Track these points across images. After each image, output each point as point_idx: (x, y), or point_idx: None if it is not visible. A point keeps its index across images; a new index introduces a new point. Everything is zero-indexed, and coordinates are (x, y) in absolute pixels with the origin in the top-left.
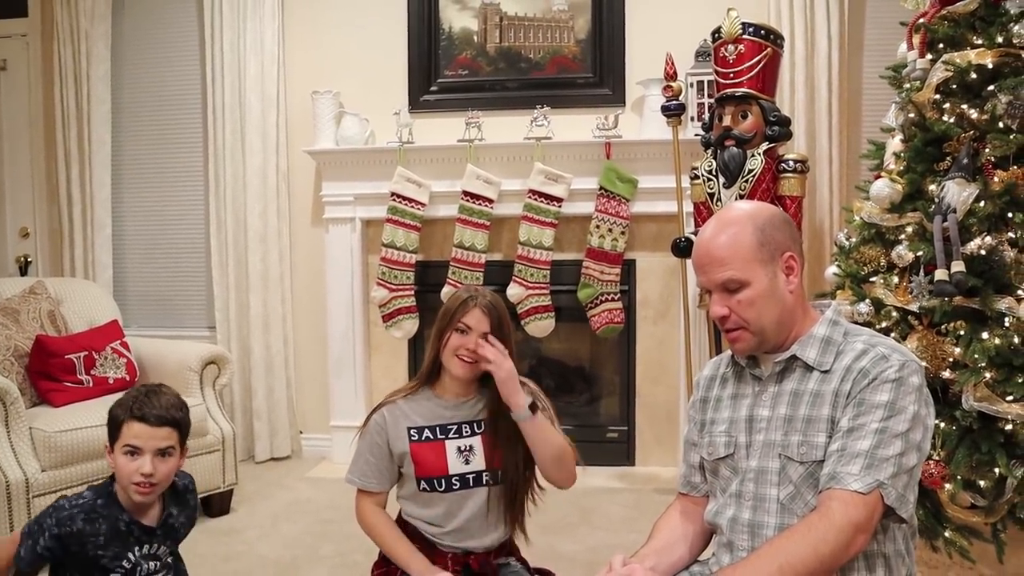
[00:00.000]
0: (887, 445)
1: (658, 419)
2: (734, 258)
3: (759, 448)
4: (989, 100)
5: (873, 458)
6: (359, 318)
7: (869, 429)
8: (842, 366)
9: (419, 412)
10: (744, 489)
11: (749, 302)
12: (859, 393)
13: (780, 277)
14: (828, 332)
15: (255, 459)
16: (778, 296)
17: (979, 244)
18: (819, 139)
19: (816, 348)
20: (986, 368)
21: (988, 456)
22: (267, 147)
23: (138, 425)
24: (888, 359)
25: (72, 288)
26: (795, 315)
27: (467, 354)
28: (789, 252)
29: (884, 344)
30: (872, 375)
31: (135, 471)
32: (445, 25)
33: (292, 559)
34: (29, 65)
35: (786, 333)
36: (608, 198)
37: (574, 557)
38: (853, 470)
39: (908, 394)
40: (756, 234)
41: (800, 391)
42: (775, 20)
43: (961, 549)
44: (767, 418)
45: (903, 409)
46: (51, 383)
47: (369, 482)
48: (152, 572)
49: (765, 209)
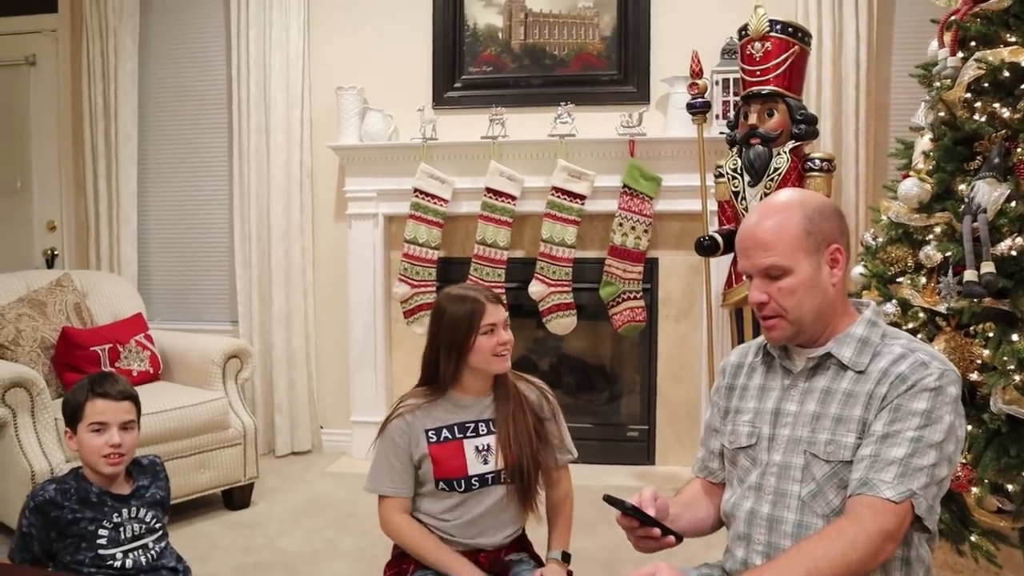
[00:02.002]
0: (922, 455)
1: (679, 418)
2: (779, 244)
3: (783, 443)
4: (1022, 99)
5: (907, 467)
6: (380, 314)
7: (905, 437)
8: (878, 368)
9: (435, 415)
10: (765, 483)
11: (790, 290)
12: (896, 399)
13: (824, 269)
14: (866, 332)
15: (275, 453)
16: (820, 287)
17: (1009, 245)
18: (846, 138)
19: (852, 347)
20: (1015, 371)
21: (1016, 460)
22: (291, 143)
23: (102, 402)
24: (928, 367)
25: (98, 281)
26: (835, 310)
27: (503, 348)
28: (836, 244)
29: (924, 351)
30: (911, 382)
31: (104, 444)
32: (470, 21)
33: (312, 553)
34: (58, 60)
35: (823, 327)
36: (631, 196)
37: (592, 556)
38: (887, 478)
39: (945, 404)
40: (804, 222)
41: (832, 389)
42: (803, 17)
43: (987, 554)
44: (794, 413)
45: (940, 419)
46: (76, 374)
47: (399, 488)
48: (139, 535)
49: (816, 198)
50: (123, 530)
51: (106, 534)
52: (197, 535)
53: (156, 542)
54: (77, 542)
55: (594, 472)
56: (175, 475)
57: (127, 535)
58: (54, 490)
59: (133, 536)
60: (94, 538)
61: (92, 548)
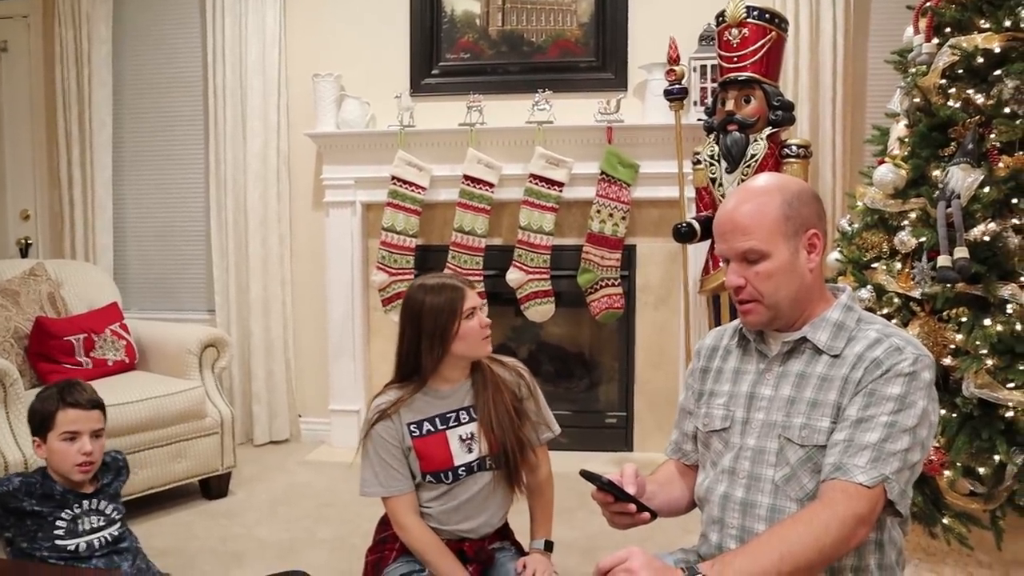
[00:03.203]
0: (895, 439)
1: (657, 405)
2: (758, 228)
3: (758, 427)
4: (995, 85)
5: (880, 451)
6: (359, 302)
7: (878, 422)
8: (853, 353)
9: (415, 408)
10: (739, 467)
11: (767, 275)
12: (870, 383)
13: (802, 254)
14: (841, 317)
15: (254, 442)
16: (797, 272)
17: (983, 230)
18: (823, 124)
19: (828, 332)
20: (988, 355)
21: (988, 443)
22: (268, 130)
23: (73, 411)
24: (902, 351)
25: (72, 270)
26: (811, 295)
27: (488, 330)
28: (814, 229)
29: (898, 335)
30: (885, 366)
31: (76, 452)
32: (447, 8)
33: (290, 542)
34: (30, 46)
35: (799, 312)
36: (609, 183)
37: (572, 543)
38: (860, 462)
39: (919, 389)
40: (783, 207)
41: (807, 373)
42: (780, 4)
43: (959, 536)
44: (769, 397)
45: (913, 404)
46: (50, 365)
47: (403, 485)
48: (97, 527)
49: (794, 183)
50: (81, 522)
51: (64, 525)
52: (174, 525)
53: (115, 530)
54: (34, 531)
55: (572, 459)
56: (151, 465)
57: (85, 527)
58: (19, 482)
59: (91, 529)
60: (52, 528)
61: (49, 538)
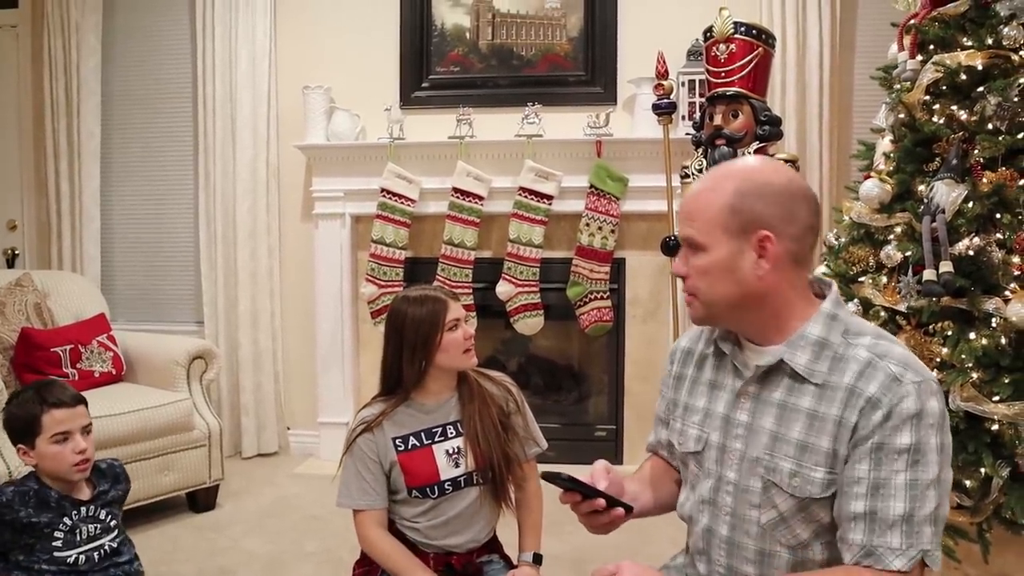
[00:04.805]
0: (921, 501)
1: (646, 418)
2: (700, 216)
3: (737, 459)
4: (978, 101)
5: (911, 524)
6: (348, 314)
7: (897, 484)
8: (843, 386)
9: (400, 422)
10: (720, 500)
11: (703, 270)
12: (875, 435)
13: (748, 256)
14: (823, 332)
15: (242, 455)
16: (738, 276)
17: (967, 245)
18: (810, 139)
19: (808, 352)
20: (973, 368)
21: (974, 456)
22: (257, 142)
23: (59, 411)
24: (901, 383)
25: (59, 281)
26: (772, 306)
27: (470, 342)
28: (766, 231)
29: (893, 357)
30: (885, 409)
31: (71, 452)
32: (437, 21)
33: (278, 555)
34: (19, 57)
35: (758, 324)
36: (598, 196)
37: (559, 556)
38: (893, 543)
39: (930, 427)
40: (732, 197)
41: (790, 406)
42: (767, 20)
43: (947, 549)
44: (746, 425)
45: (928, 448)
46: (36, 376)
47: (372, 500)
48: (95, 535)
49: (766, 173)
50: (79, 532)
51: (62, 536)
52: (161, 538)
53: (113, 540)
54: (32, 544)
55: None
56: (138, 477)
57: (83, 536)
58: (12, 492)
59: (89, 537)
60: (50, 540)
61: (47, 551)
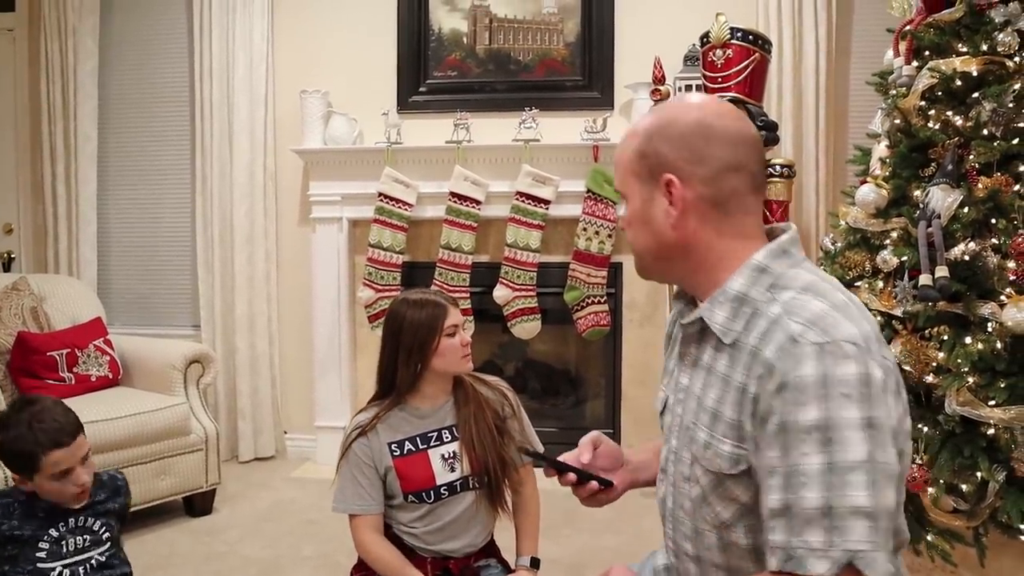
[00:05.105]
0: (841, 488)
1: (644, 422)
2: (618, 164)
3: (678, 427)
4: (974, 107)
5: (831, 517)
6: (345, 318)
7: (809, 471)
8: (749, 346)
9: (395, 427)
10: (668, 468)
11: (627, 221)
12: (771, 408)
13: (659, 202)
14: (744, 286)
15: (239, 459)
16: (653, 225)
17: (963, 250)
18: (806, 144)
19: (726, 309)
20: (969, 373)
21: (970, 460)
22: (254, 146)
23: (58, 452)
24: (798, 343)
25: (55, 285)
26: (695, 257)
27: (467, 349)
28: (669, 174)
29: (803, 312)
30: (779, 379)
31: (71, 484)
32: (435, 26)
33: (275, 559)
34: (15, 60)
35: (688, 277)
36: (595, 201)
37: (558, 559)
38: (813, 541)
39: (843, 397)
40: (641, 140)
41: (712, 369)
42: (763, 26)
43: (943, 553)
44: (685, 389)
45: (844, 425)
46: (33, 380)
47: (368, 506)
48: (83, 548)
49: (672, 111)
50: (66, 543)
51: (47, 547)
52: (157, 542)
53: (103, 553)
54: (15, 556)
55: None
56: (135, 482)
57: (70, 548)
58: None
59: (76, 549)
60: (33, 551)
61: (30, 560)
